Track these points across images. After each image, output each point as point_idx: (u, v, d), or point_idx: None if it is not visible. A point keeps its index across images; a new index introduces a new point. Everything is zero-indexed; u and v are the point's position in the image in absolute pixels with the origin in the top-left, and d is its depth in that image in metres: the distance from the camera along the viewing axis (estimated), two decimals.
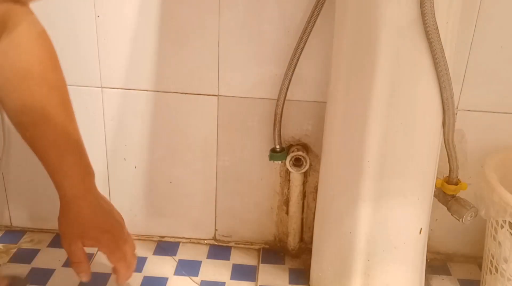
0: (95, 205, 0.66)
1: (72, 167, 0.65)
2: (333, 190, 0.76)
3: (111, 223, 0.66)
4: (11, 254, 0.92)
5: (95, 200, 0.66)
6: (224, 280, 0.88)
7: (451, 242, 0.95)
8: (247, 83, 0.85)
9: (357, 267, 0.76)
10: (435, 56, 0.62)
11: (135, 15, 0.82)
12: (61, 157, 0.64)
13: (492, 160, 0.80)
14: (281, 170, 0.92)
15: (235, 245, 0.98)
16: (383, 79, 0.64)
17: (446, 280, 0.91)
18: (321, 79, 0.83)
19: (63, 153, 0.64)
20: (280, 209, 0.95)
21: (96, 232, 0.65)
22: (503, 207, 0.72)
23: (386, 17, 0.62)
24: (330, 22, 0.74)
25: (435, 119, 0.69)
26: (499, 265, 0.77)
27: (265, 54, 0.83)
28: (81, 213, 0.65)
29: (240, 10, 0.81)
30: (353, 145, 0.70)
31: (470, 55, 0.81)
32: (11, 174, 0.96)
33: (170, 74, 0.86)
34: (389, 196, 0.71)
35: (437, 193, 0.80)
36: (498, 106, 0.84)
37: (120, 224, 0.68)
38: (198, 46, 0.83)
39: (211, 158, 0.92)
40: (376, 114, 0.67)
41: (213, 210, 0.96)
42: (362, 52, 0.65)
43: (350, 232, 0.74)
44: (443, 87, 0.65)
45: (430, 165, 0.72)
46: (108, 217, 0.67)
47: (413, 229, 0.75)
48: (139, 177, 0.94)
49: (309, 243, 0.94)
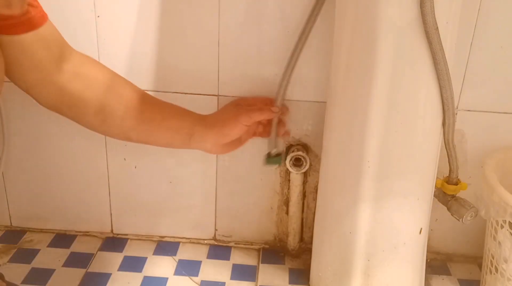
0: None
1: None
2: (333, 190, 0.76)
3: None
4: (11, 254, 0.92)
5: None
6: (224, 280, 0.88)
7: (451, 242, 0.95)
8: (247, 83, 0.85)
9: (357, 267, 0.76)
10: (435, 56, 0.62)
11: (135, 15, 0.82)
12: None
13: (492, 160, 0.80)
14: (281, 170, 0.92)
15: (235, 245, 0.98)
16: (383, 79, 0.64)
17: (446, 280, 0.91)
18: (321, 79, 0.83)
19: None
20: (280, 209, 0.95)
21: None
22: (503, 207, 0.72)
23: (386, 17, 0.62)
24: (330, 22, 0.74)
25: (435, 119, 0.69)
26: (499, 265, 0.77)
27: (265, 54, 0.83)
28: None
29: (240, 10, 0.81)
30: (353, 145, 0.70)
31: (470, 55, 0.81)
32: (11, 174, 0.96)
33: (170, 74, 0.86)
34: (389, 196, 0.71)
35: (437, 193, 0.80)
36: (498, 106, 0.84)
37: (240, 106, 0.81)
38: (198, 46, 0.83)
39: (211, 158, 0.92)
40: (376, 114, 0.67)
41: (213, 210, 0.96)
42: (362, 52, 0.65)
43: (350, 232, 0.74)
44: (443, 87, 0.65)
45: (430, 165, 0.72)
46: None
47: (413, 229, 0.75)
48: (139, 177, 0.94)
49: (309, 243, 0.94)
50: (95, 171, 0.94)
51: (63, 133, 0.91)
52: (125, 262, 0.91)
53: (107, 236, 0.99)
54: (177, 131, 0.76)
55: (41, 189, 0.96)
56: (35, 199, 0.97)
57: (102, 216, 0.98)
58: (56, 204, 0.98)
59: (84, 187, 0.96)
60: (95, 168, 0.94)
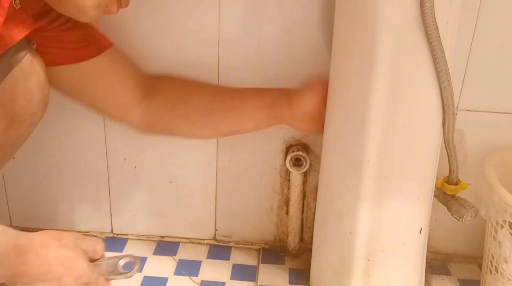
0: None
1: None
2: (333, 190, 0.76)
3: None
4: None
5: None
6: (224, 280, 0.88)
7: (451, 242, 0.95)
8: (247, 83, 0.85)
9: (357, 267, 0.76)
10: (435, 56, 0.62)
11: (135, 15, 0.82)
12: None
13: (492, 160, 0.80)
14: (281, 170, 0.92)
15: (235, 245, 0.98)
16: (383, 79, 0.64)
17: (446, 280, 0.91)
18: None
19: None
20: (280, 209, 0.95)
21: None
22: (503, 207, 0.72)
23: (386, 17, 0.62)
24: (331, 22, 0.74)
25: (435, 119, 0.69)
26: (499, 265, 0.77)
27: (265, 54, 0.83)
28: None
29: (240, 9, 0.81)
30: (353, 145, 0.70)
31: (470, 55, 0.81)
32: (11, 174, 0.96)
33: (170, 73, 0.86)
34: (389, 196, 0.71)
35: (437, 193, 0.80)
36: (498, 106, 0.84)
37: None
38: (198, 46, 0.83)
39: (211, 158, 0.92)
40: (376, 114, 0.67)
41: (213, 210, 0.96)
42: (361, 52, 0.65)
43: (350, 232, 0.74)
44: (443, 87, 0.65)
45: (430, 165, 0.72)
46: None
47: (413, 229, 0.75)
48: (139, 177, 0.94)
49: (309, 243, 0.94)
50: (95, 171, 0.94)
51: (63, 133, 0.91)
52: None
53: (107, 236, 0.99)
54: (259, 110, 0.78)
55: (41, 189, 0.96)
56: (35, 199, 0.97)
57: (102, 216, 0.98)
58: (56, 204, 0.98)
59: (84, 187, 0.96)
60: (95, 168, 0.94)
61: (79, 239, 0.59)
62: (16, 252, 0.54)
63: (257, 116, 0.78)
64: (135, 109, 0.78)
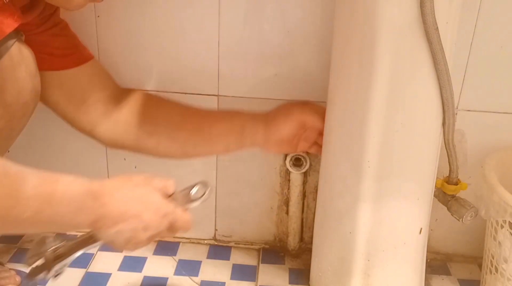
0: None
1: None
2: (333, 190, 0.76)
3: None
4: (11, 254, 0.92)
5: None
6: (224, 280, 0.88)
7: (451, 242, 0.95)
8: (247, 83, 0.85)
9: (357, 267, 0.76)
10: (435, 56, 0.62)
11: (135, 15, 0.82)
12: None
13: (492, 160, 0.80)
14: (281, 170, 0.92)
15: (235, 245, 0.98)
16: (383, 79, 0.64)
17: (446, 280, 0.91)
18: (321, 79, 0.83)
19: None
20: (280, 209, 0.95)
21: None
22: (503, 207, 0.72)
23: (386, 17, 0.62)
24: (331, 22, 0.74)
25: (435, 119, 0.69)
26: (499, 265, 0.77)
27: (265, 54, 0.83)
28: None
29: (240, 10, 0.81)
30: (353, 145, 0.70)
31: (470, 55, 0.81)
32: None
33: (170, 74, 0.86)
34: (389, 196, 0.71)
35: (437, 193, 0.80)
36: (498, 106, 0.84)
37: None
38: (198, 46, 0.83)
39: (211, 158, 0.92)
40: (376, 114, 0.67)
41: (213, 210, 0.96)
42: (361, 51, 0.65)
43: (350, 232, 0.74)
44: (443, 87, 0.65)
45: (430, 165, 0.72)
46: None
47: (413, 229, 0.75)
48: None
49: (309, 243, 0.94)
50: (95, 171, 0.94)
51: (63, 133, 0.91)
52: (125, 262, 0.91)
53: None
54: (229, 133, 0.78)
55: None
56: None
57: None
58: None
59: None
60: (95, 168, 0.94)
61: (149, 178, 0.61)
62: (93, 197, 0.54)
63: (226, 139, 0.79)
64: (104, 123, 0.78)
